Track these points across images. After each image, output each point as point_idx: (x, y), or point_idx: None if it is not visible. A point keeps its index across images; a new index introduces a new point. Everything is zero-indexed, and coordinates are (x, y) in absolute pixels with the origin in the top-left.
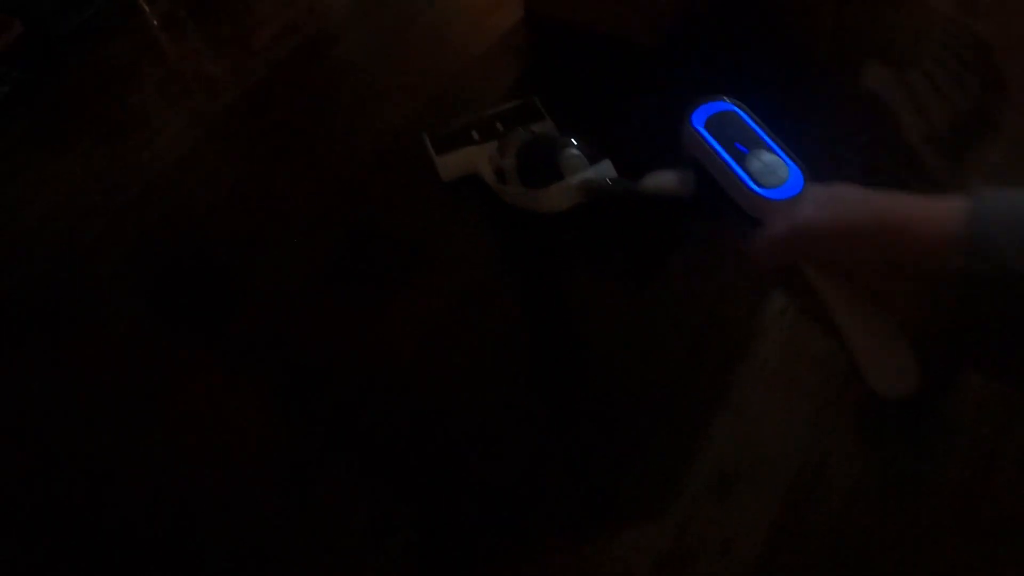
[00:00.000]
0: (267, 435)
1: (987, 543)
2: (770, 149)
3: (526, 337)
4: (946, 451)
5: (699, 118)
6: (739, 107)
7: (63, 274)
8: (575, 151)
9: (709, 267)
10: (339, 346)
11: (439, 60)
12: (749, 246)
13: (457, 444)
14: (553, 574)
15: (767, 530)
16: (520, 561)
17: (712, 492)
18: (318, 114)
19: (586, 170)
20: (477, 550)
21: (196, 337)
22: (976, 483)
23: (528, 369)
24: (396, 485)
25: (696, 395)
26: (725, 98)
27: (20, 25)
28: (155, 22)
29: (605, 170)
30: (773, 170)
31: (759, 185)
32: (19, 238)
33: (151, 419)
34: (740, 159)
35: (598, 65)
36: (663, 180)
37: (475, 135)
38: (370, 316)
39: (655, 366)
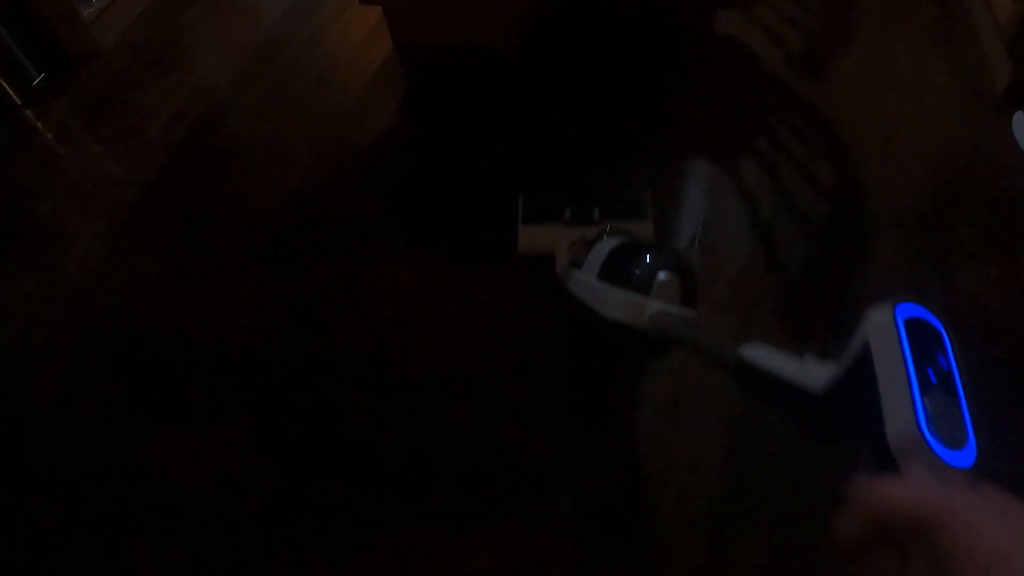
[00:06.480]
0: (247, 477)
1: None
2: (959, 403)
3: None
4: None
5: (902, 314)
6: (948, 333)
7: (17, 387)
8: (676, 280)
9: None
10: (293, 389)
11: (324, 109)
12: (868, 486)
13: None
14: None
15: (725, 446)
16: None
17: (664, 415)
18: (222, 187)
19: (672, 305)
20: (461, 535)
21: (160, 411)
22: None
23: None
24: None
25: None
26: (934, 313)
27: None
28: (49, 136)
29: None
30: (953, 425)
31: (929, 429)
32: None
33: (137, 491)
34: (925, 388)
35: (466, 76)
36: (786, 365)
37: (567, 214)
38: (316, 360)
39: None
